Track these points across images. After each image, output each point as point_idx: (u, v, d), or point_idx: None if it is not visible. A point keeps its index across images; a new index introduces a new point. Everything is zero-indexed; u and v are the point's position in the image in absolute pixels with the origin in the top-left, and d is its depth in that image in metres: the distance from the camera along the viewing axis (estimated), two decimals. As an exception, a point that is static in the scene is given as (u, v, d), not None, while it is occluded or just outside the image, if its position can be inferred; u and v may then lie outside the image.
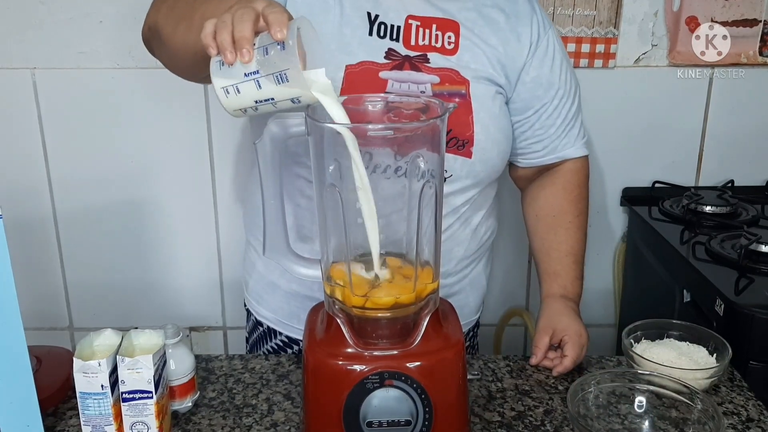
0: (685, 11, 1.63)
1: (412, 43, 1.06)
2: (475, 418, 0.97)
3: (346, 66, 1.03)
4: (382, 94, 0.99)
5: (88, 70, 1.64)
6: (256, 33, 0.76)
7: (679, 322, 1.09)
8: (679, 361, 1.01)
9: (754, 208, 1.62)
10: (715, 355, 1.03)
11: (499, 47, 1.09)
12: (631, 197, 1.75)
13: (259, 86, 0.76)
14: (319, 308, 0.92)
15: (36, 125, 1.67)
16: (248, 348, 1.31)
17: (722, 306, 1.21)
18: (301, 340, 0.95)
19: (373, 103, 0.91)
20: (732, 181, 1.74)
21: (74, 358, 0.84)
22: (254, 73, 0.76)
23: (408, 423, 0.82)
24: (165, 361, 0.91)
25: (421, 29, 1.07)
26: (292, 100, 0.77)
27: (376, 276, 0.83)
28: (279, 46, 0.74)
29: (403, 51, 1.06)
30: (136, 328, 0.93)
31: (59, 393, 0.99)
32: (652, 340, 1.08)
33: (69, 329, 1.82)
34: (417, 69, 1.05)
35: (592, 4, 1.62)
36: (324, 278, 0.87)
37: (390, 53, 1.05)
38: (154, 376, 0.85)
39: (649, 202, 1.70)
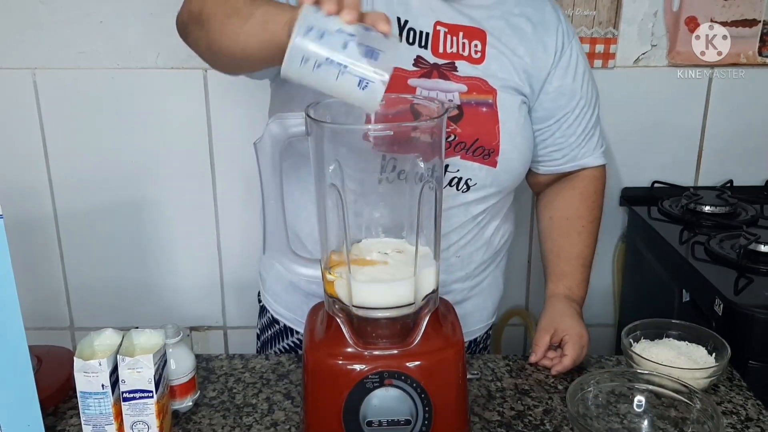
0: (685, 11, 1.63)
1: (440, 50, 1.06)
2: (475, 418, 0.97)
3: None
4: (409, 95, 0.98)
5: (89, 70, 1.64)
6: None
7: (678, 321, 1.09)
8: (678, 360, 1.01)
9: (754, 208, 1.62)
10: (714, 354, 1.03)
11: (525, 57, 1.10)
12: (631, 197, 1.75)
13: (346, 47, 0.71)
14: (319, 308, 0.92)
15: (36, 125, 1.67)
16: (259, 345, 1.31)
17: (721, 306, 1.22)
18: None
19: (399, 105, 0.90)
20: (731, 181, 1.74)
21: (75, 358, 0.84)
22: (350, 35, 0.71)
23: (408, 422, 0.82)
24: (165, 361, 0.91)
25: (449, 36, 1.07)
26: (360, 81, 0.72)
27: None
28: (381, 34, 0.72)
29: (431, 59, 1.06)
30: (137, 327, 0.93)
31: (60, 392, 0.99)
32: (652, 339, 1.08)
33: (69, 329, 1.82)
34: (445, 77, 1.06)
35: (592, 4, 1.62)
36: (323, 277, 0.87)
37: (418, 60, 1.05)
38: (154, 376, 0.85)
39: (648, 202, 1.70)
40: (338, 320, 0.85)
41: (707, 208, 1.58)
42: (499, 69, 1.08)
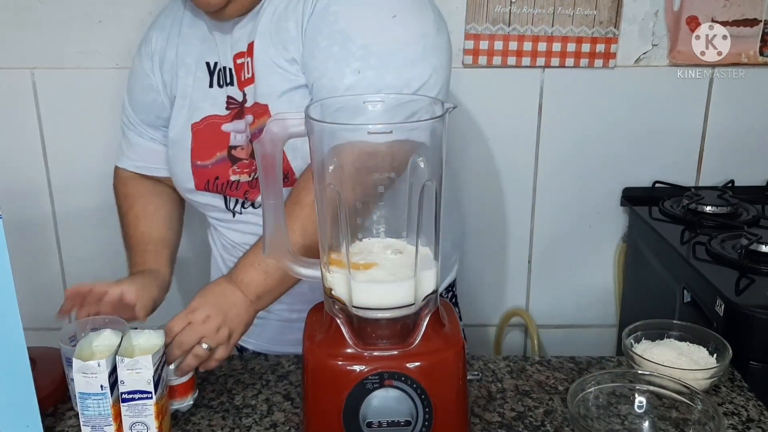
0: (686, 11, 1.63)
1: (243, 80, 1.05)
2: (475, 419, 0.97)
3: (192, 125, 1.06)
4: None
5: (88, 70, 1.64)
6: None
7: (679, 322, 1.09)
8: (679, 361, 1.01)
9: (755, 208, 1.62)
10: (715, 355, 1.03)
11: (289, 47, 1.01)
12: (632, 197, 1.75)
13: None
14: (319, 308, 0.92)
15: (35, 125, 1.67)
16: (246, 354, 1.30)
17: (722, 306, 1.21)
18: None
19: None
20: (732, 181, 1.73)
21: (74, 359, 0.84)
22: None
23: (408, 423, 0.82)
24: (164, 362, 0.91)
25: (244, 66, 1.04)
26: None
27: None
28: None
29: (239, 96, 1.06)
30: (136, 328, 0.93)
31: (55, 393, 0.99)
32: (653, 340, 1.08)
33: (69, 329, 1.82)
34: (243, 114, 1.06)
35: (593, 3, 1.62)
36: (323, 278, 0.86)
37: (229, 102, 1.06)
38: (153, 377, 0.85)
39: (649, 202, 1.70)
40: (338, 321, 0.84)
41: (708, 209, 1.58)
42: (268, 75, 1.01)
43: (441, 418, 0.83)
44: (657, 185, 1.73)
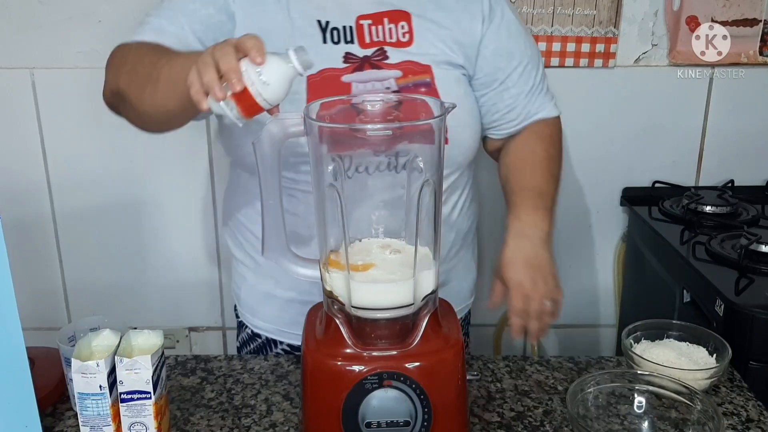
0: (686, 11, 1.63)
1: (367, 41, 1.07)
2: (475, 419, 0.97)
3: (308, 77, 1.04)
4: (345, 96, 1.00)
5: (87, 70, 1.64)
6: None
7: (679, 322, 1.09)
8: (678, 361, 1.01)
9: (755, 208, 1.62)
10: (714, 355, 1.03)
11: (453, 28, 1.09)
12: (631, 197, 1.75)
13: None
14: (317, 309, 0.92)
15: (35, 125, 1.67)
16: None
17: (722, 306, 1.21)
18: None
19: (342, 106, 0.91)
20: (732, 181, 1.73)
21: (72, 359, 0.84)
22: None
23: (407, 423, 0.82)
24: (163, 361, 0.90)
25: (373, 27, 1.07)
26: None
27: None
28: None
29: (360, 52, 1.06)
30: (135, 328, 0.93)
31: (53, 394, 0.99)
32: (652, 340, 1.08)
33: (68, 329, 1.82)
34: (377, 67, 1.06)
35: (592, 3, 1.62)
36: (322, 278, 0.86)
37: (348, 57, 1.06)
38: (152, 377, 0.85)
39: (649, 202, 1.70)
40: (337, 321, 0.84)
41: (708, 208, 1.58)
42: (429, 46, 1.08)
43: (440, 418, 0.83)
44: (657, 185, 1.73)
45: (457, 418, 0.86)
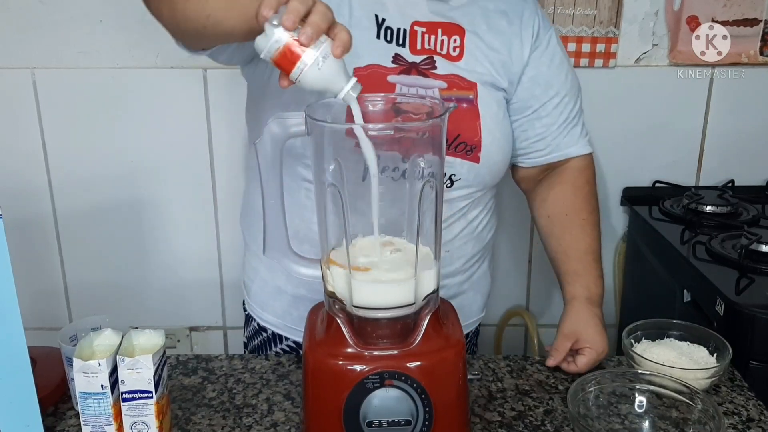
0: (686, 11, 1.63)
1: (418, 47, 1.06)
2: (476, 418, 0.97)
3: (354, 68, 1.03)
4: (392, 94, 0.99)
5: (88, 70, 1.64)
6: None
7: (679, 322, 1.09)
8: (679, 361, 1.01)
9: (755, 208, 1.62)
10: (715, 355, 1.03)
11: (502, 51, 1.10)
12: (632, 197, 1.75)
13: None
14: (319, 308, 0.92)
15: (36, 125, 1.67)
16: (246, 353, 1.31)
17: (723, 306, 1.21)
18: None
19: (378, 103, 0.90)
20: (732, 181, 1.73)
21: (74, 358, 0.84)
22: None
23: (408, 423, 0.82)
24: (165, 361, 0.91)
25: (426, 35, 1.07)
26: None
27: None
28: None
29: (409, 57, 1.06)
30: (136, 328, 0.93)
31: (55, 393, 0.99)
32: (653, 340, 1.08)
33: (69, 329, 1.82)
34: (424, 75, 1.06)
35: (593, 3, 1.62)
36: (323, 277, 0.86)
37: (397, 58, 1.05)
38: (153, 376, 0.85)
39: (649, 202, 1.70)
40: (338, 320, 0.84)
41: (708, 208, 1.58)
42: (477, 65, 1.08)
43: (441, 418, 0.83)
44: (657, 185, 1.73)
45: (458, 418, 0.86)
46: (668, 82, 1.69)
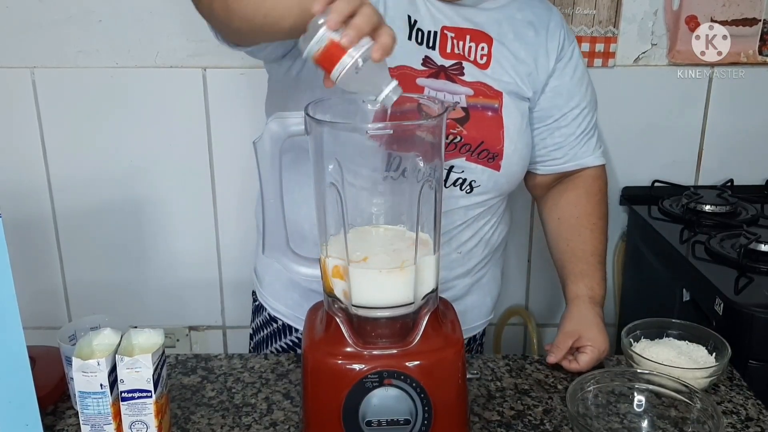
0: (685, 10, 1.63)
1: (448, 51, 1.07)
2: (475, 417, 0.97)
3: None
4: (417, 95, 0.97)
5: (88, 69, 1.64)
6: None
7: (678, 321, 1.09)
8: (678, 360, 1.01)
9: (754, 208, 1.62)
10: (714, 354, 1.03)
11: (528, 61, 1.11)
12: (631, 196, 1.75)
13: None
14: (318, 307, 0.92)
15: (35, 124, 1.67)
16: (252, 344, 1.31)
17: (722, 305, 1.21)
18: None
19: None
20: (731, 181, 1.73)
21: (73, 357, 0.84)
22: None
23: (407, 422, 0.82)
24: (164, 360, 0.91)
25: (455, 40, 1.07)
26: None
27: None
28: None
29: (439, 60, 1.06)
30: (135, 327, 0.93)
31: (55, 392, 0.99)
32: (652, 339, 1.08)
33: (68, 328, 1.82)
34: (452, 80, 1.06)
35: (592, 3, 1.62)
36: (322, 276, 0.87)
37: (426, 61, 1.06)
38: (153, 375, 0.85)
39: (648, 201, 1.70)
40: (338, 320, 0.84)
41: (708, 208, 1.58)
42: (503, 74, 1.09)
43: (440, 417, 0.83)
44: (656, 184, 1.73)
45: (457, 417, 0.86)
46: (667, 81, 1.69)
